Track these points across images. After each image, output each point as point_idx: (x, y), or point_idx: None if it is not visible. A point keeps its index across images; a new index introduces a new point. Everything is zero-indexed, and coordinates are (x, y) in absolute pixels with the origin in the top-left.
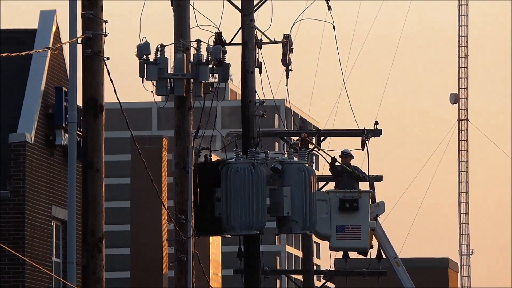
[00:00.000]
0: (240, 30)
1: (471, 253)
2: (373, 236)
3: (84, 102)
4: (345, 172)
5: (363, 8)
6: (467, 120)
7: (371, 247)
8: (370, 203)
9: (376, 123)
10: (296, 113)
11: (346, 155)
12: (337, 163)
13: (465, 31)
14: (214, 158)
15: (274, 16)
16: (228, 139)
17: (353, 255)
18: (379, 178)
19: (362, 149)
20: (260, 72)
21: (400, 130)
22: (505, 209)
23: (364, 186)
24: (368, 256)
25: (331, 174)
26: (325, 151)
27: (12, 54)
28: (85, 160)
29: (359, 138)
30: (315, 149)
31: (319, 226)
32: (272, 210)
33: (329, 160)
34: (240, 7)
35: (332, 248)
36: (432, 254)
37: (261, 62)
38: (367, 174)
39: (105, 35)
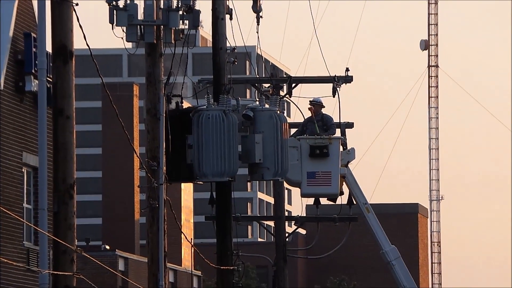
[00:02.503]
0: None
1: (441, 198)
2: (344, 182)
3: (53, 49)
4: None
5: None
6: (437, 66)
7: (342, 193)
8: (341, 149)
9: (347, 69)
10: (268, 60)
11: (315, 103)
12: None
13: None
14: (185, 105)
15: None
16: (199, 86)
17: (324, 201)
18: (350, 125)
19: (333, 96)
20: (231, 18)
21: (371, 77)
22: (474, 156)
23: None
24: (339, 202)
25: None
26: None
27: None
28: (55, 107)
29: (330, 85)
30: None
31: (290, 172)
32: (244, 157)
33: (304, 112)
34: None
35: (303, 195)
36: (402, 200)
37: (231, 9)
38: (337, 123)
39: None
